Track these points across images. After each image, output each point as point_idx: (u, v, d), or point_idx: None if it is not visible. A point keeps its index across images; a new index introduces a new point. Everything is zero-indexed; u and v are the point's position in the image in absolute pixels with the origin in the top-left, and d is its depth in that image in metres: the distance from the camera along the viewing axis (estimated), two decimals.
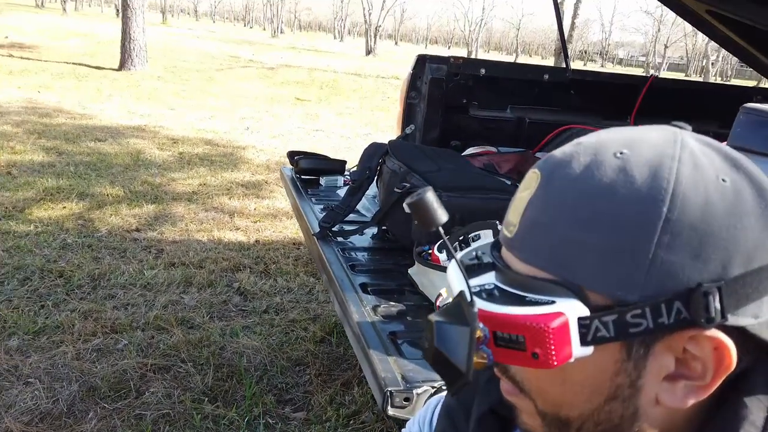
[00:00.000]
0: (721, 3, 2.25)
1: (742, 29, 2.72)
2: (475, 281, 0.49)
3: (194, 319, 2.52)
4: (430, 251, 1.42)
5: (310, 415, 1.98)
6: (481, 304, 0.46)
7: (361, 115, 9.10)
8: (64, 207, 3.68)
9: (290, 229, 3.74)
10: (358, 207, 1.96)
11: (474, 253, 0.53)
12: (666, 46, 52.77)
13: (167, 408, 1.94)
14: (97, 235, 3.30)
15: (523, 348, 0.43)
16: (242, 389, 2.08)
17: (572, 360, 0.43)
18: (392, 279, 1.49)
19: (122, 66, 10.78)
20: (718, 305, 0.40)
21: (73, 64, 11.22)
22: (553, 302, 0.43)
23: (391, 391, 0.99)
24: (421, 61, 2.61)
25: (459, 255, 0.52)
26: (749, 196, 0.42)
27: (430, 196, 0.44)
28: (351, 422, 1.95)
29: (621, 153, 0.44)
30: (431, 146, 2.41)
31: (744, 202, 0.42)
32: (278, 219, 3.93)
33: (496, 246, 0.51)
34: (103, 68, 10.97)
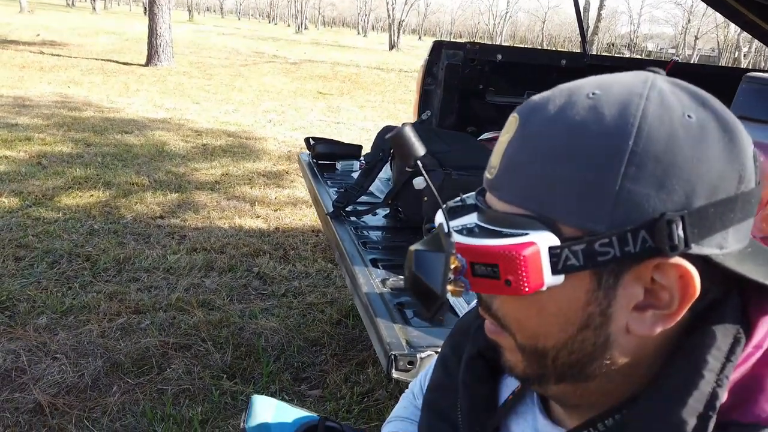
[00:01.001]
0: None
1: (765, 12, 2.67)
2: (458, 221, 0.51)
3: (214, 301, 2.58)
4: None
5: (325, 393, 2.02)
6: (459, 239, 0.48)
7: (382, 108, 9.13)
8: (92, 195, 3.79)
9: (309, 217, 3.80)
10: (372, 189, 1.99)
11: (460, 198, 0.55)
12: (696, 38, 51.58)
13: (187, 384, 2.00)
14: (122, 222, 3.40)
15: (498, 276, 0.46)
16: (260, 367, 2.13)
17: (544, 288, 0.45)
18: (402, 255, 1.52)
19: (149, 62, 10.99)
20: (681, 234, 0.42)
21: (102, 60, 11.47)
22: (526, 234, 0.45)
23: (395, 355, 1.02)
24: (437, 47, 2.62)
25: (449, 202, 0.55)
26: (714, 131, 0.44)
27: (408, 130, 0.47)
28: (365, 399, 1.99)
29: (593, 93, 0.46)
30: (446, 130, 2.43)
31: (708, 137, 0.43)
32: (298, 207, 3.99)
33: (481, 191, 0.54)
34: (131, 64, 11.19)
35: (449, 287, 0.48)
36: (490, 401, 0.63)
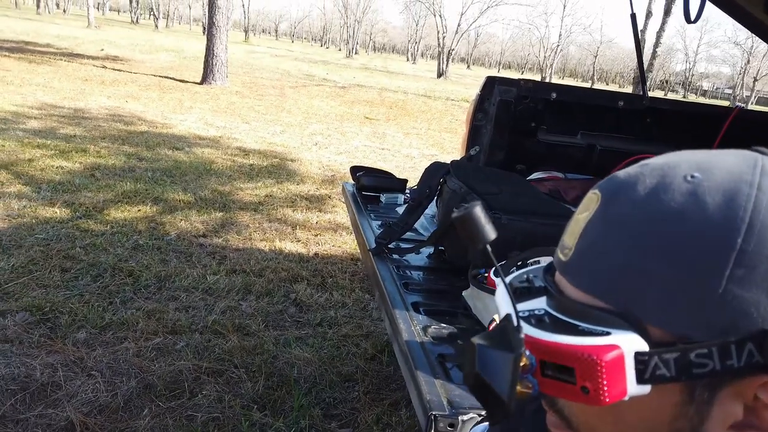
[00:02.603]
0: None
1: None
2: (524, 306, 0.46)
3: (250, 326, 2.56)
4: (486, 274, 1.38)
5: None
6: (528, 330, 0.43)
7: (428, 135, 9.12)
8: (139, 210, 3.87)
9: (349, 245, 3.77)
10: (416, 226, 1.94)
11: (525, 276, 0.50)
12: (756, 79, 50.10)
13: (218, 412, 1.98)
14: (166, 239, 3.44)
15: (573, 381, 0.40)
16: (291, 400, 2.09)
17: (626, 398, 0.40)
18: (445, 300, 1.46)
19: (204, 80, 11.34)
20: None
21: (160, 77, 11.90)
22: (608, 333, 0.40)
23: (435, 415, 0.96)
24: (491, 82, 2.58)
25: (509, 278, 0.50)
26: None
27: (478, 210, 0.42)
28: None
29: (692, 176, 0.41)
30: (495, 169, 2.37)
31: None
32: (338, 233, 3.97)
33: (549, 270, 0.49)
34: (187, 81, 11.57)
35: (517, 388, 0.42)
36: None
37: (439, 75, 31.77)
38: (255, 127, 7.76)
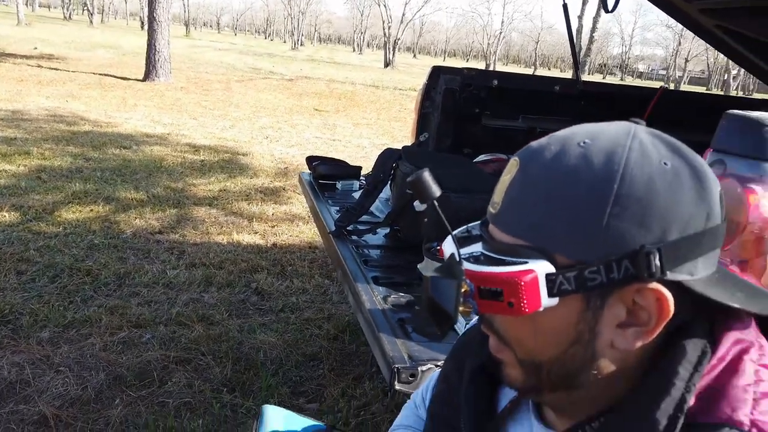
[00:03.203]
0: (723, 18, 2.33)
1: (748, 42, 2.79)
2: (465, 250, 0.59)
3: (214, 316, 2.63)
4: (438, 247, 1.52)
5: (323, 406, 2.08)
6: (468, 266, 0.56)
7: (377, 125, 9.24)
8: (91, 210, 3.84)
9: (306, 234, 3.86)
10: (372, 209, 2.06)
11: (466, 229, 0.63)
12: (687, 60, 52.42)
13: (188, 396, 2.05)
14: (122, 237, 3.45)
15: (501, 299, 0.53)
16: (259, 381, 2.18)
17: (541, 309, 0.53)
18: (402, 273, 1.59)
19: (147, 77, 11.08)
20: (658, 263, 0.50)
21: (100, 75, 11.55)
22: (526, 262, 0.53)
23: (398, 368, 1.08)
24: (436, 72, 2.72)
25: (455, 231, 0.63)
26: (686, 177, 0.51)
27: (426, 174, 0.54)
28: (362, 413, 2.04)
29: (584, 143, 0.54)
30: (444, 153, 2.51)
31: (681, 181, 0.51)
32: (295, 224, 4.05)
33: (484, 223, 0.61)
34: (129, 79, 11.28)
35: (461, 308, 0.55)
36: (491, 409, 0.70)
37: (386, 65, 31.89)
38: (203, 123, 7.69)
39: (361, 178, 2.52)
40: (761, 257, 1.02)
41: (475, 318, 0.76)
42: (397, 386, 1.09)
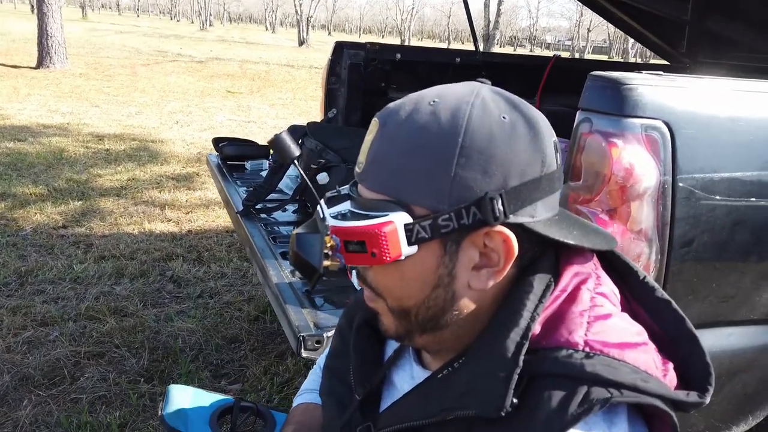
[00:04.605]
0: None
1: (631, 10, 2.99)
2: (335, 209, 0.62)
3: (127, 307, 2.56)
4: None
5: (245, 386, 2.08)
6: (334, 222, 0.59)
7: (294, 105, 9.12)
8: None
9: (223, 218, 3.79)
10: (281, 186, 2.07)
11: (336, 189, 0.66)
12: (589, 30, 54.87)
13: (103, 390, 2.00)
14: (21, 234, 3.25)
15: (365, 250, 0.57)
16: (178, 368, 2.15)
17: (402, 257, 0.57)
18: None
19: (40, 64, 10.32)
20: (501, 207, 0.55)
21: None
22: (386, 215, 0.57)
23: (304, 336, 1.11)
24: (339, 47, 2.72)
25: (328, 194, 0.66)
26: (522, 129, 0.57)
27: (285, 135, 0.57)
28: (285, 388, 2.07)
29: (433, 101, 0.59)
30: (351, 128, 2.54)
31: (517, 133, 0.57)
32: (210, 209, 3.97)
33: (355, 183, 0.65)
34: (20, 67, 10.47)
35: (327, 262, 0.58)
36: (377, 360, 0.75)
37: (301, 43, 31.32)
38: (107, 110, 7.30)
39: (270, 157, 2.51)
40: (626, 204, 1.12)
41: None
42: (304, 353, 1.13)
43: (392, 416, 0.63)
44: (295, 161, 0.54)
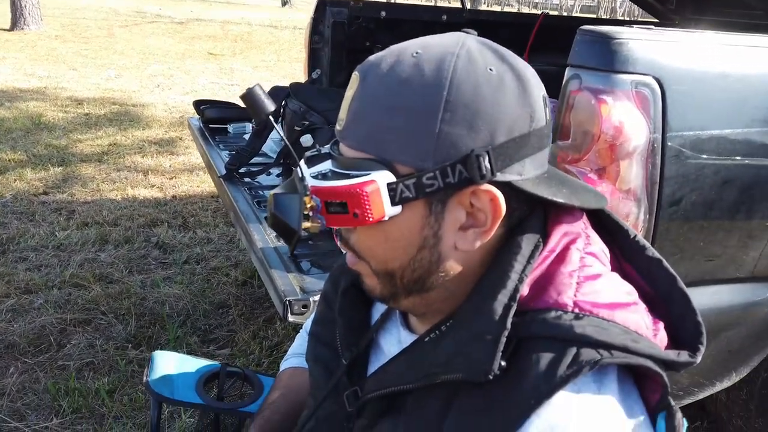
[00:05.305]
0: None
1: None
2: (315, 168, 0.59)
3: (113, 274, 2.53)
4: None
5: (234, 351, 2.08)
6: (314, 182, 0.57)
7: (278, 67, 8.93)
8: None
9: (208, 183, 3.74)
10: (265, 149, 2.02)
11: (317, 148, 0.63)
12: None
13: (90, 357, 1.99)
14: (1, 201, 3.18)
15: (347, 211, 0.55)
16: (166, 334, 2.14)
17: (386, 218, 0.55)
18: None
19: (14, 26, 9.96)
20: (488, 165, 0.53)
21: None
22: (368, 174, 0.54)
23: (290, 300, 1.10)
24: (322, 5, 2.64)
25: (307, 153, 0.63)
26: (510, 81, 0.54)
27: (257, 89, 0.54)
28: (274, 352, 2.07)
29: (417, 53, 0.55)
30: (334, 89, 2.48)
31: (505, 86, 0.54)
32: (195, 174, 3.90)
33: (336, 141, 0.62)
34: None
35: (308, 224, 0.56)
36: (364, 324, 0.73)
37: (284, 3, 30.48)
38: (85, 74, 7.09)
39: (253, 120, 2.45)
40: (615, 163, 1.10)
41: None
42: (291, 318, 1.11)
43: (379, 381, 0.62)
44: (270, 117, 0.51)
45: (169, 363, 1.02)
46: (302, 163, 0.58)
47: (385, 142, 0.54)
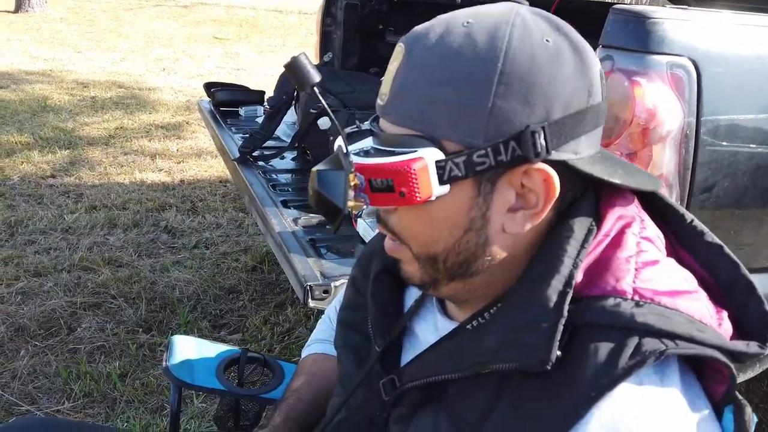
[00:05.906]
0: None
1: None
2: (355, 146, 0.56)
3: (122, 257, 2.51)
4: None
5: (245, 336, 2.07)
6: (357, 159, 0.53)
7: (283, 52, 8.84)
8: None
9: (216, 168, 3.71)
10: (278, 133, 1.99)
11: (356, 125, 0.60)
12: None
13: (101, 341, 1.97)
14: (8, 183, 3.16)
15: (393, 189, 0.52)
16: (177, 318, 2.13)
17: (433, 198, 0.52)
18: None
19: (19, 8, 9.90)
20: (543, 142, 0.50)
21: None
22: (415, 151, 0.51)
23: (311, 285, 1.07)
24: None
25: (347, 129, 0.59)
26: (567, 53, 0.51)
27: (303, 58, 0.50)
28: (285, 338, 2.06)
29: (468, 23, 0.52)
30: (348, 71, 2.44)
31: (562, 58, 0.50)
32: (202, 158, 3.87)
33: (375, 119, 0.59)
34: None
35: (351, 203, 0.53)
36: (397, 310, 0.70)
37: None
38: (90, 57, 7.04)
39: (265, 102, 2.41)
40: (647, 147, 1.07)
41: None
42: (311, 303, 1.09)
43: (419, 370, 0.59)
44: (316, 88, 0.48)
45: (188, 348, 1.00)
46: (341, 137, 0.54)
47: (433, 118, 0.51)
